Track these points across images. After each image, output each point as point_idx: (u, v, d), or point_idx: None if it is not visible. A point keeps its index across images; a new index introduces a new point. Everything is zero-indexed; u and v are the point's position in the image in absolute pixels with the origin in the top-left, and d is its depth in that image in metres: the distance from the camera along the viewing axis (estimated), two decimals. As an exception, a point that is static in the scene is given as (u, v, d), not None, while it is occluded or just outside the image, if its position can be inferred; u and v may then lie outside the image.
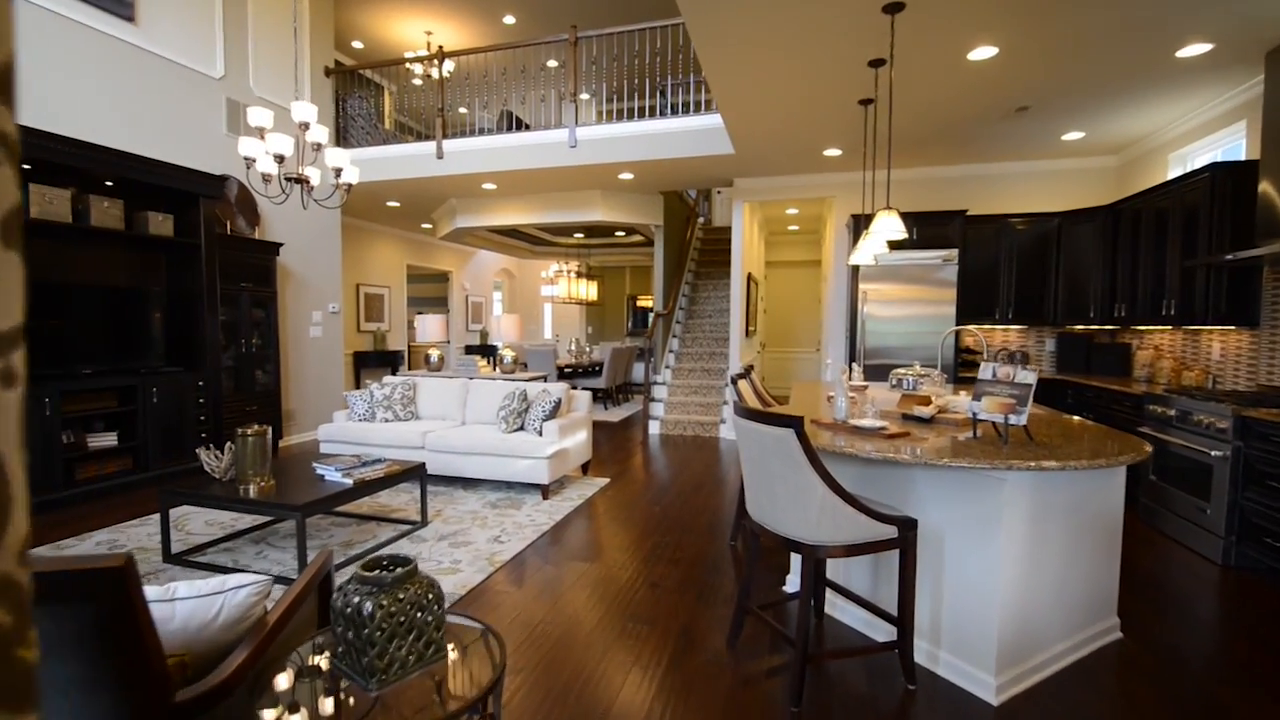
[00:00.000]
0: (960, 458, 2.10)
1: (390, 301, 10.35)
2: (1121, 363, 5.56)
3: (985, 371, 2.43)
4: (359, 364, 9.52)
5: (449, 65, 8.13)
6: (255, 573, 3.17)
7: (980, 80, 4.12)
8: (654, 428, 7.47)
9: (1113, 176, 6.04)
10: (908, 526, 2.17)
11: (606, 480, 5.13)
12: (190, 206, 5.17)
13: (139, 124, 5.10)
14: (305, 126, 3.68)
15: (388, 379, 5.54)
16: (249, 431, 3.20)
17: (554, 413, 4.71)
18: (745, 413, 2.22)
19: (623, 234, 11.43)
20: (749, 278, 7.56)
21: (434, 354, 6.08)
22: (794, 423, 2.03)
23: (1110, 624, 2.61)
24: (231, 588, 1.35)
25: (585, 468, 5.27)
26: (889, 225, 3.25)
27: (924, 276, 5.82)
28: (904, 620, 2.22)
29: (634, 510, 4.34)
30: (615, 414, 8.88)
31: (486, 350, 12.44)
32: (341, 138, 7.31)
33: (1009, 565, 2.18)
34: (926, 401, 2.95)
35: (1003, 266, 6.05)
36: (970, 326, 6.27)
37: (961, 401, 2.93)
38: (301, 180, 3.78)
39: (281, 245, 6.14)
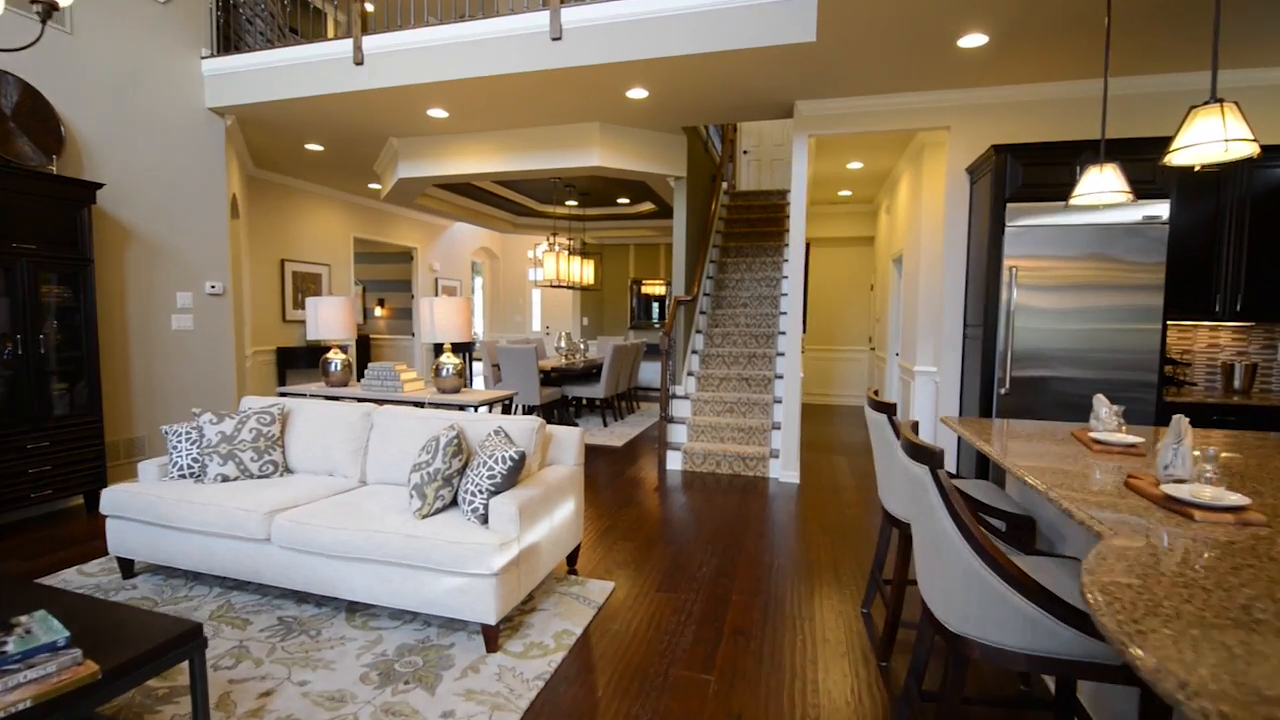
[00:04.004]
0: None
1: (330, 284, 8.13)
2: None
3: None
4: (284, 364, 7.31)
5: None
6: None
7: None
8: (674, 460, 5.31)
9: (1398, 91, 3.86)
10: None
11: (609, 587, 2.95)
12: (-116, 103, 2.97)
13: None
14: None
15: (248, 401, 3.36)
16: None
17: (513, 477, 2.55)
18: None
19: (626, 201, 9.20)
20: (809, 247, 5.37)
21: (335, 360, 3.85)
22: None
23: None
24: None
25: (573, 558, 3.11)
26: None
27: (1108, 247, 3.67)
28: None
29: (664, 688, 2.18)
30: (617, 433, 6.71)
31: (464, 349, 10.23)
32: (229, 44, 5.08)
33: None
34: None
35: (1228, 231, 3.88)
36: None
37: None
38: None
39: (102, 186, 3.93)
